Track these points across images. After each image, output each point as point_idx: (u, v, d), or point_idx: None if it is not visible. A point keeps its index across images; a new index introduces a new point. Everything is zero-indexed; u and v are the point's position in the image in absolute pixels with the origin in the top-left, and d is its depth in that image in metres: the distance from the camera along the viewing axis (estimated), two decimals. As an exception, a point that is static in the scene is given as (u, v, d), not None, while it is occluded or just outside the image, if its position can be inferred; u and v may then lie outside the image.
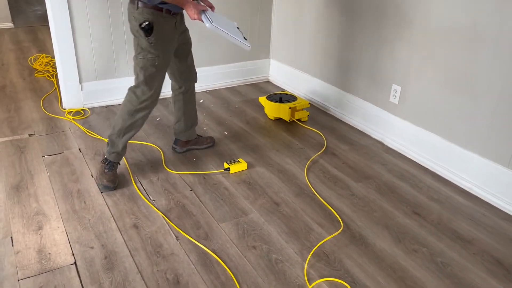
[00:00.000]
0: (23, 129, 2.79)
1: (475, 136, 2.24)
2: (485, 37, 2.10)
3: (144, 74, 2.10)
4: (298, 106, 2.96)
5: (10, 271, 1.68)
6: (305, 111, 3.02)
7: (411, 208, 2.14)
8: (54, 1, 2.79)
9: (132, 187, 2.23)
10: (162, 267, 1.72)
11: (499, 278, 1.73)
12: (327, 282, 1.68)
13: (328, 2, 3.03)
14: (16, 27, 5.42)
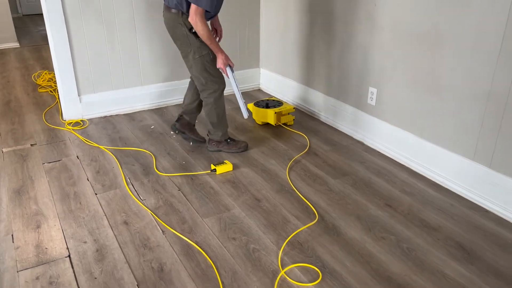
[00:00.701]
0: (26, 140, 2.99)
1: (444, 132, 2.38)
2: (446, 40, 2.26)
3: (207, 70, 2.56)
4: (284, 111, 3.12)
5: (10, 264, 1.85)
6: (291, 116, 3.19)
7: (384, 201, 2.29)
8: (53, 21, 3.00)
9: (124, 188, 2.40)
10: (148, 258, 1.88)
11: (459, 260, 1.86)
12: (298, 267, 1.82)
13: (308, 14, 3.21)
14: (22, 47, 5.69)
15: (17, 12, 7.68)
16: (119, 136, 3.05)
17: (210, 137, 2.80)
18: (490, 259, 1.87)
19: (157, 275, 1.78)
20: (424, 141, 2.50)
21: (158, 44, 3.43)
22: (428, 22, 2.33)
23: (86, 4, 3.07)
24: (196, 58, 2.53)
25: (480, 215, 2.17)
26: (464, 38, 2.16)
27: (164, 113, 3.46)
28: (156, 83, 3.53)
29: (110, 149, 2.84)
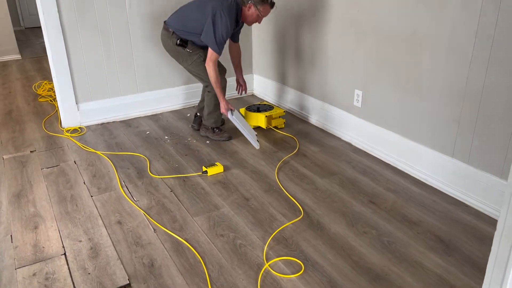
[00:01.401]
0: (26, 147, 3.10)
1: (424, 131, 2.47)
2: (424, 43, 2.35)
3: (204, 70, 2.93)
4: (274, 114, 3.22)
5: (9, 262, 1.94)
6: (281, 119, 3.29)
7: (368, 198, 2.37)
8: (51, 32, 3.13)
9: (119, 190, 2.50)
10: (139, 254, 1.97)
11: (437, 252, 1.94)
12: (282, 261, 1.91)
13: (297, 20, 3.32)
14: (24, 58, 5.84)
15: (19, 25, 7.85)
16: (115, 141, 3.15)
17: (204, 122, 3.17)
18: (467, 250, 1.95)
19: (147, 270, 1.87)
20: (407, 140, 2.59)
21: (152, 53, 3.55)
22: (408, 27, 2.43)
23: (82, 15, 3.20)
24: (189, 64, 2.99)
25: (460, 210, 2.25)
26: (440, 41, 2.26)
27: (159, 119, 3.57)
28: (151, 91, 3.65)
29: (107, 154, 2.94)
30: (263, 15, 2.87)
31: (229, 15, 2.78)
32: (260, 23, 2.97)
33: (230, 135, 3.14)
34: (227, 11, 2.77)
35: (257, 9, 2.82)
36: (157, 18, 3.49)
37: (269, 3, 2.84)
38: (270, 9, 2.88)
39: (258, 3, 2.80)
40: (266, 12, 2.87)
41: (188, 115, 3.64)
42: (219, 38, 2.78)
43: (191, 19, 2.88)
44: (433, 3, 2.25)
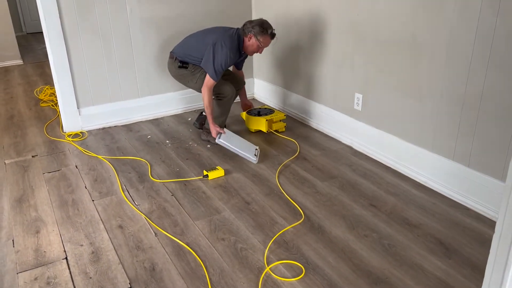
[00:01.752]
0: (28, 152, 3.11)
1: (425, 134, 2.48)
2: (423, 47, 2.37)
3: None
4: (275, 118, 3.24)
5: (11, 267, 1.95)
6: (282, 123, 3.30)
7: (368, 201, 2.38)
8: (52, 37, 3.15)
9: (120, 195, 2.51)
10: (141, 258, 1.98)
11: (438, 255, 1.94)
12: (283, 264, 1.92)
13: (297, 25, 3.34)
14: (25, 64, 5.87)
15: (21, 31, 7.89)
16: (116, 146, 3.17)
17: (206, 126, 3.20)
18: (467, 253, 1.95)
19: (149, 274, 1.88)
20: (407, 143, 2.60)
21: (153, 57, 3.57)
22: (407, 31, 2.44)
23: (84, 20, 3.22)
24: (195, 82, 3.06)
25: (460, 212, 2.25)
26: (439, 45, 2.27)
27: (160, 123, 3.59)
28: (152, 95, 3.66)
29: (108, 159, 2.96)
30: (264, 45, 2.94)
31: (231, 45, 2.89)
32: (261, 53, 3.04)
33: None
34: (228, 41, 2.89)
35: (257, 40, 2.91)
36: (157, 23, 3.51)
37: (269, 34, 2.90)
38: (271, 40, 2.95)
39: (259, 34, 2.88)
40: (266, 42, 2.93)
41: (189, 119, 3.65)
42: (217, 67, 2.87)
43: (194, 48, 3.01)
44: (432, 7, 2.27)
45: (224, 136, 2.93)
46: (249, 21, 2.95)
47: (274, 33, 2.94)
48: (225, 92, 3.04)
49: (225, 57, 2.87)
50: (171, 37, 3.60)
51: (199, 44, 2.99)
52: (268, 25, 2.92)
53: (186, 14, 3.62)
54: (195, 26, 3.68)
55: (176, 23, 3.60)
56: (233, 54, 2.92)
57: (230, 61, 2.93)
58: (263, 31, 2.88)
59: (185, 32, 3.65)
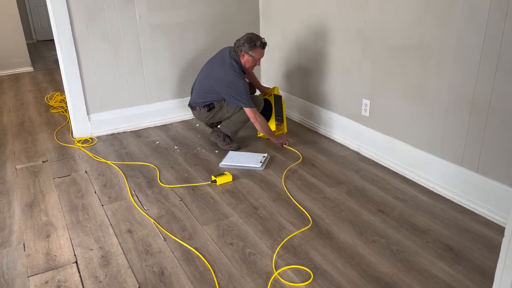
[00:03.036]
0: (38, 157, 3.15)
1: (433, 140, 2.48)
2: (430, 52, 2.37)
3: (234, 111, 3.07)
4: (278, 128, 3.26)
5: (22, 270, 1.98)
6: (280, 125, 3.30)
7: (377, 207, 2.38)
8: (63, 44, 3.20)
9: (129, 200, 2.53)
10: (150, 262, 2.00)
11: (447, 260, 1.94)
12: (291, 269, 1.92)
13: (305, 31, 3.36)
14: (36, 71, 5.95)
15: (32, 38, 8.00)
16: (125, 151, 3.20)
17: (220, 127, 3.17)
18: (477, 259, 1.95)
19: (158, 278, 1.89)
20: (415, 149, 2.60)
21: (162, 64, 3.61)
22: (414, 37, 2.45)
23: (94, 27, 3.27)
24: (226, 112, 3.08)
25: (469, 218, 2.25)
26: (447, 50, 2.28)
27: (169, 129, 3.62)
28: (161, 101, 3.70)
29: (117, 164, 2.98)
30: (258, 58, 2.96)
31: (238, 72, 2.96)
32: (259, 65, 3.07)
33: (239, 145, 3.17)
34: (235, 71, 2.95)
35: (250, 56, 2.95)
36: (166, 29, 3.56)
37: (259, 46, 2.93)
38: (262, 50, 2.96)
39: (249, 50, 2.93)
40: (259, 54, 2.96)
41: (198, 125, 3.68)
42: (244, 96, 2.94)
43: (208, 90, 3.08)
44: (439, 13, 2.28)
45: (227, 158, 2.95)
46: (237, 40, 3.00)
47: (264, 42, 2.96)
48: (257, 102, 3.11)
49: (242, 84, 2.94)
50: (180, 43, 3.65)
51: (211, 83, 3.05)
52: (255, 37, 2.94)
53: (194, 20, 3.66)
54: (203, 33, 3.72)
55: (184, 29, 3.64)
56: (242, 77, 2.99)
57: (245, 83, 2.98)
58: (252, 46, 2.91)
59: (193, 38, 3.71)
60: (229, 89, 2.95)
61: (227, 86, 2.95)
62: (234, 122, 3.09)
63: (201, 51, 3.75)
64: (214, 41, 3.74)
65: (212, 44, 3.75)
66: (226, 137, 3.15)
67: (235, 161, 2.91)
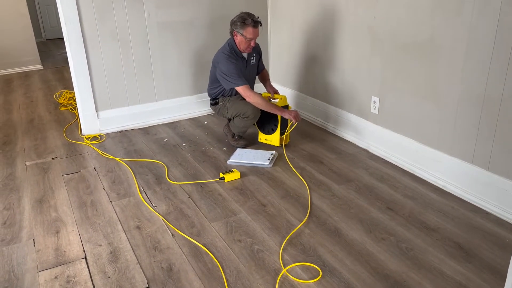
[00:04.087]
0: (47, 154, 3.17)
1: (443, 137, 2.45)
2: (441, 49, 2.35)
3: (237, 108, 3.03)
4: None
5: (31, 265, 1.99)
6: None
7: (386, 205, 2.36)
8: (73, 43, 3.22)
9: (137, 196, 2.54)
10: (158, 259, 2.00)
11: (457, 259, 1.92)
12: (300, 266, 1.91)
13: (314, 28, 3.35)
14: (45, 69, 5.99)
15: (41, 37, 8.06)
16: (134, 148, 3.21)
17: (230, 124, 3.16)
18: (487, 257, 1.92)
19: (166, 274, 1.89)
20: (426, 146, 2.57)
21: (170, 61, 3.62)
22: (424, 33, 2.43)
23: (103, 26, 3.28)
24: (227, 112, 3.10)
25: (480, 216, 2.22)
26: (458, 47, 2.25)
27: (177, 126, 3.62)
28: (169, 99, 3.70)
29: (126, 161, 2.99)
30: (249, 37, 2.89)
31: (228, 54, 2.95)
32: (254, 45, 2.95)
33: (247, 143, 3.16)
34: (224, 53, 2.95)
35: (241, 35, 2.90)
36: (174, 28, 3.56)
37: (250, 24, 2.85)
38: (254, 29, 2.87)
39: (240, 29, 2.89)
40: (251, 33, 2.87)
41: (205, 122, 3.68)
42: (232, 76, 2.91)
43: (212, 80, 3.14)
44: (450, 9, 2.25)
45: (235, 156, 2.95)
46: (231, 20, 2.95)
47: (256, 20, 2.86)
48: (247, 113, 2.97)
49: (228, 64, 2.91)
50: (188, 40, 3.65)
51: (212, 70, 3.10)
52: (247, 15, 2.86)
53: (202, 17, 3.66)
54: (210, 30, 3.72)
55: (192, 27, 3.64)
56: (234, 59, 2.94)
57: (236, 66, 2.93)
58: (242, 25, 2.85)
59: (200, 35, 3.71)
60: (218, 70, 2.97)
61: (217, 68, 2.99)
62: (235, 126, 3.08)
63: (209, 49, 3.74)
64: (222, 38, 3.72)
65: (220, 41, 3.72)
66: (235, 135, 3.15)
67: (243, 158, 2.91)
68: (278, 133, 3.07)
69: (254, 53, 3.11)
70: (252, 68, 3.17)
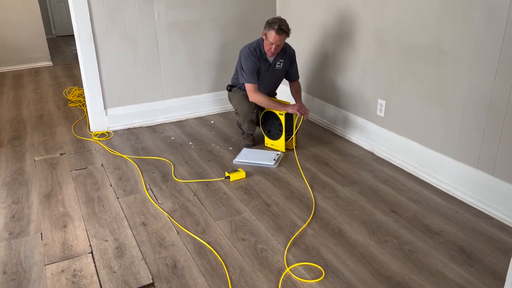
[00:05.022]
0: (56, 150, 3.22)
1: (448, 141, 2.46)
2: (448, 53, 2.36)
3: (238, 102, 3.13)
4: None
5: (39, 259, 2.02)
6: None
7: (390, 207, 2.37)
8: (83, 40, 3.26)
9: (144, 193, 2.57)
10: (163, 255, 2.03)
11: (459, 262, 1.93)
12: (303, 266, 1.93)
13: (322, 30, 3.36)
14: (55, 65, 6.05)
15: (51, 34, 8.14)
16: (141, 146, 3.24)
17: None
18: (490, 262, 1.93)
19: (170, 271, 1.92)
20: (431, 150, 2.58)
21: (179, 61, 3.65)
22: (431, 37, 2.44)
23: (113, 24, 3.32)
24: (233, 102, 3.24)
25: (484, 221, 2.23)
26: (464, 51, 2.26)
27: (184, 125, 3.65)
28: (177, 98, 3.74)
29: (133, 158, 3.03)
30: (270, 40, 2.86)
31: (251, 49, 2.98)
32: (273, 51, 2.90)
33: (251, 144, 3.17)
34: (247, 50, 2.99)
35: (266, 36, 2.90)
36: (184, 28, 3.59)
37: (274, 28, 2.81)
38: (276, 35, 2.82)
39: (266, 29, 2.89)
40: (272, 37, 2.84)
41: (212, 122, 3.71)
42: (246, 72, 2.98)
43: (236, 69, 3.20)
44: (457, 13, 2.26)
45: (240, 155, 2.98)
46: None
47: (282, 28, 2.80)
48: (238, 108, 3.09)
49: (246, 60, 2.95)
50: (196, 41, 3.68)
51: (237, 63, 3.15)
52: (278, 20, 2.83)
53: (211, 18, 3.69)
54: (220, 31, 3.75)
55: (202, 28, 3.67)
56: (254, 57, 2.96)
57: (254, 64, 2.95)
58: (269, 27, 2.84)
59: (209, 36, 3.73)
60: (238, 62, 3.07)
61: (238, 58, 3.07)
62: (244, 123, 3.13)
63: (218, 49, 3.78)
64: (231, 39, 3.77)
65: (228, 42, 3.77)
66: (243, 132, 3.21)
67: (249, 158, 2.93)
68: (283, 139, 3.05)
69: (282, 58, 3.04)
70: (276, 72, 3.11)
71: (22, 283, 1.87)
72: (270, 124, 3.11)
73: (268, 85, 3.15)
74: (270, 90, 3.21)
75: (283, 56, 3.05)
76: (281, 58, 3.05)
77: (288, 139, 3.06)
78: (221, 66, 3.81)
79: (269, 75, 3.09)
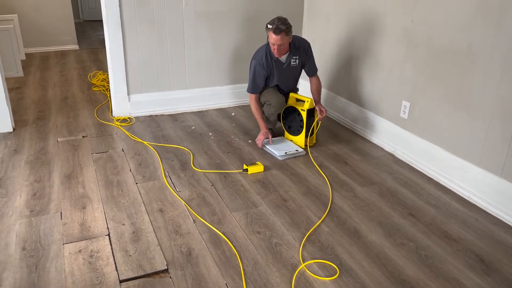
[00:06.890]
0: (78, 132, 3.27)
1: (472, 148, 2.42)
2: (477, 58, 2.31)
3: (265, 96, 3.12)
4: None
5: (58, 237, 2.07)
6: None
7: (408, 211, 2.34)
8: (111, 26, 3.29)
9: (162, 180, 2.59)
10: (178, 242, 2.05)
11: (476, 271, 1.90)
12: (317, 263, 1.93)
13: (349, 28, 3.33)
14: (81, 49, 6.14)
15: (79, 18, 8.25)
16: (161, 134, 3.27)
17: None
18: (508, 272, 1.89)
19: (185, 258, 1.94)
20: (453, 156, 2.54)
21: (204, 51, 3.66)
22: (462, 40, 2.39)
23: (141, 11, 3.34)
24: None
25: (504, 231, 2.18)
26: (496, 57, 2.21)
27: (205, 115, 3.67)
28: (199, 88, 3.75)
29: (153, 145, 3.06)
30: (271, 41, 2.80)
31: (258, 57, 2.95)
32: (277, 51, 2.82)
33: (272, 130, 3.22)
34: (257, 55, 2.98)
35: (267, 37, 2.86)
36: (211, 17, 3.59)
37: (271, 29, 2.75)
38: (273, 35, 2.74)
39: (266, 29, 2.83)
40: (271, 38, 2.78)
41: (233, 114, 3.71)
42: (249, 80, 3.04)
43: None
44: (491, 17, 2.21)
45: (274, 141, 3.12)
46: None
47: (279, 27, 2.70)
48: (271, 100, 3.05)
49: (253, 70, 2.98)
50: (222, 32, 3.68)
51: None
52: (276, 20, 2.74)
53: (239, 11, 3.68)
54: (246, 24, 3.74)
55: (228, 18, 3.67)
56: (260, 64, 2.93)
57: (259, 71, 2.94)
58: (267, 28, 2.78)
59: (235, 28, 3.73)
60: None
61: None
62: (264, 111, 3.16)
63: (242, 42, 3.78)
64: (256, 33, 3.75)
65: (253, 35, 3.76)
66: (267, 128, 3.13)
67: (275, 143, 3.08)
68: (304, 135, 3.03)
69: (296, 55, 2.98)
70: (292, 69, 3.04)
71: (41, 260, 1.91)
72: (291, 120, 3.10)
73: (288, 83, 3.12)
74: (291, 87, 3.18)
75: (296, 52, 2.97)
76: (295, 55, 2.97)
77: (308, 136, 3.04)
78: (245, 59, 3.80)
79: (287, 74, 3.04)
